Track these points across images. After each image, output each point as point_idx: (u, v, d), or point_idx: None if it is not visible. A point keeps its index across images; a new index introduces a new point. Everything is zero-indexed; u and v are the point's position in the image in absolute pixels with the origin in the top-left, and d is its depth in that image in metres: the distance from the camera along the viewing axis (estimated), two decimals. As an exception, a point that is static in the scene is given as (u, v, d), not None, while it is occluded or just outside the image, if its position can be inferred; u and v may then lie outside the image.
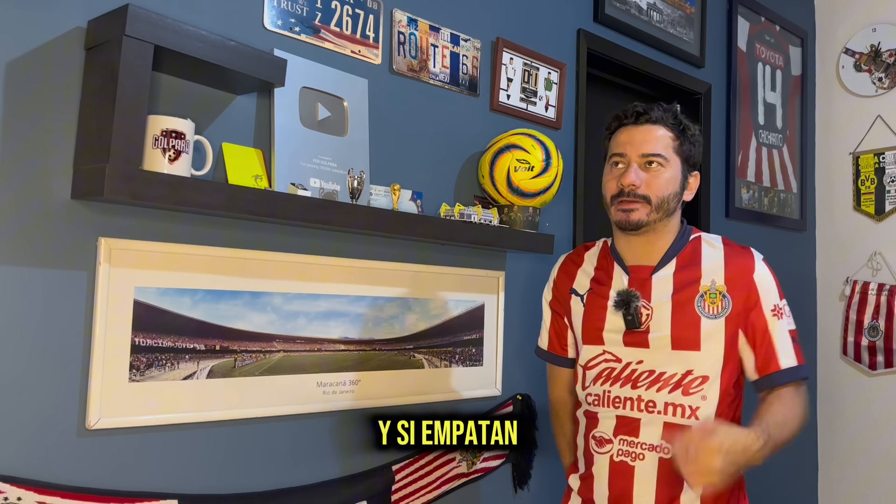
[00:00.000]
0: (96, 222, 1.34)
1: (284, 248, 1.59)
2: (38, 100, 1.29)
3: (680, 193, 1.46)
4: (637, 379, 1.44)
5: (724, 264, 1.44)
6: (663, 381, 1.42)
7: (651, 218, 1.42)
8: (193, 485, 1.44)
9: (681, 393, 1.41)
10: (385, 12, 1.80)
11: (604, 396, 1.48)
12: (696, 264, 1.45)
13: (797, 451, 3.24)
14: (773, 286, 1.45)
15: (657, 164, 1.42)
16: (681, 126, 1.46)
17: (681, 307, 1.42)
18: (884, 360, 3.11)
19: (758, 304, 1.42)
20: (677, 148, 1.45)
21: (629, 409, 1.45)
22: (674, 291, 1.44)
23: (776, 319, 1.42)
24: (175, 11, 1.43)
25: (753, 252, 1.48)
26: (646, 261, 1.48)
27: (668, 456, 1.39)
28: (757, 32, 3.11)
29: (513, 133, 1.93)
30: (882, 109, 3.23)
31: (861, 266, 3.24)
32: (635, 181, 1.41)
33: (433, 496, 1.83)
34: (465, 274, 1.94)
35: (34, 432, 1.27)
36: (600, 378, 1.49)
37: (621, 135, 1.46)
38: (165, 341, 1.41)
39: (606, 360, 1.48)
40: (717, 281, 1.42)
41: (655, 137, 1.43)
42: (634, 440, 1.43)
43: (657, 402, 1.42)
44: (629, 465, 1.43)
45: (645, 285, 1.46)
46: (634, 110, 1.46)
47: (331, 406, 1.65)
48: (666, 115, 1.45)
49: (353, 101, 1.71)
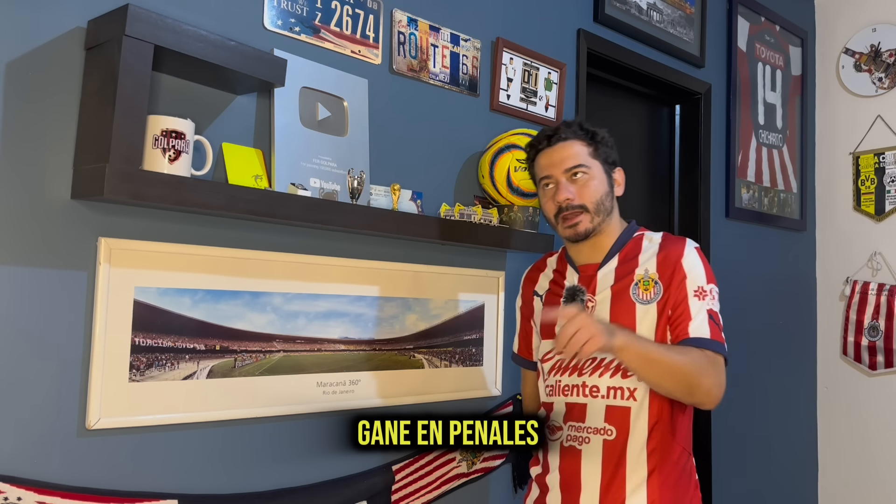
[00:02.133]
0: (96, 222, 1.34)
1: (284, 248, 1.59)
2: (38, 100, 1.29)
3: (611, 192, 1.57)
4: (582, 367, 1.53)
5: (657, 253, 1.54)
6: (604, 366, 1.51)
7: (595, 223, 1.53)
8: (193, 485, 1.44)
9: (620, 376, 1.49)
10: (385, 12, 1.80)
11: (556, 386, 1.58)
12: (634, 258, 1.55)
13: (797, 451, 3.24)
14: (700, 270, 1.51)
15: (581, 173, 1.53)
16: (589, 134, 1.56)
17: (618, 296, 1.52)
18: (884, 360, 3.11)
19: (682, 284, 1.49)
20: (593, 153, 1.56)
21: (576, 396, 1.54)
22: (613, 283, 1.54)
23: (696, 299, 1.48)
24: (175, 11, 1.43)
25: (687, 241, 1.56)
26: (593, 259, 1.59)
27: (611, 438, 1.49)
28: (757, 32, 3.11)
29: (513, 133, 1.93)
30: (882, 109, 3.23)
31: (861, 266, 3.24)
32: (569, 195, 1.52)
33: (433, 496, 1.83)
34: (465, 274, 1.94)
35: (34, 432, 1.27)
36: (553, 370, 1.60)
37: (541, 159, 1.57)
38: (165, 341, 1.41)
39: (558, 353, 1.53)
40: (649, 270, 1.52)
41: (572, 152, 1.54)
42: (581, 425, 1.53)
43: (600, 386, 1.51)
44: (577, 449, 1.53)
45: (591, 281, 1.57)
46: (545, 135, 1.57)
47: (331, 406, 1.65)
48: (573, 130, 1.56)
49: (353, 101, 1.71)
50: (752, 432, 3.01)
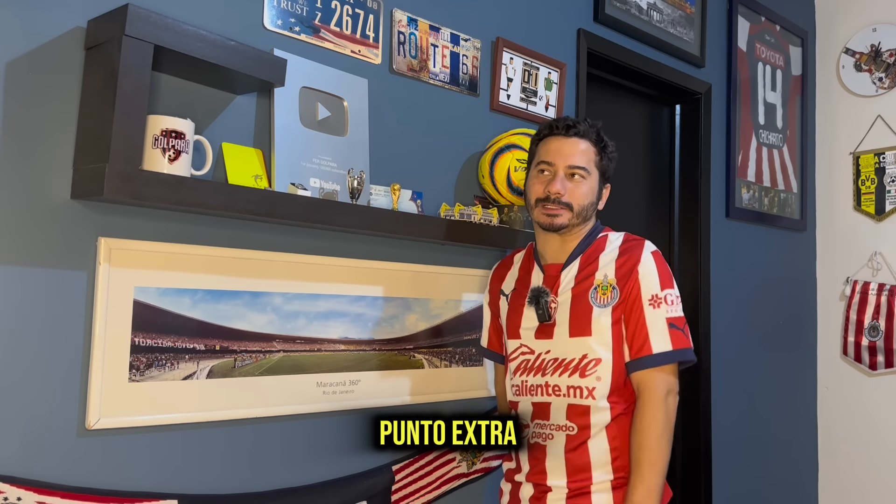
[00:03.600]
0: (96, 222, 1.34)
1: (284, 248, 1.59)
2: (38, 100, 1.29)
3: (596, 203, 1.62)
4: (546, 367, 1.59)
5: (616, 259, 1.58)
6: (564, 366, 1.57)
7: (572, 222, 1.58)
8: (193, 485, 1.44)
9: (578, 376, 1.55)
10: (385, 12, 1.80)
11: (522, 386, 1.63)
12: (595, 261, 1.60)
13: (797, 451, 3.24)
14: (654, 277, 1.55)
15: (580, 175, 1.57)
16: (602, 143, 1.61)
17: (578, 299, 1.58)
18: (884, 360, 3.11)
19: (638, 295, 1.54)
20: (598, 162, 1.60)
21: (540, 395, 1.60)
22: (574, 285, 1.59)
23: (652, 308, 1.53)
24: (175, 11, 1.43)
25: (645, 245, 1.59)
26: (558, 259, 1.63)
27: (573, 433, 1.55)
28: (757, 32, 3.11)
29: (513, 133, 1.93)
30: (882, 109, 3.23)
31: (861, 266, 3.24)
32: (561, 190, 1.56)
33: (433, 496, 1.83)
34: (465, 274, 1.94)
35: (34, 432, 1.27)
36: (519, 369, 1.64)
37: (551, 143, 1.60)
38: (165, 341, 1.41)
39: (523, 353, 1.64)
40: (608, 275, 1.57)
41: (581, 151, 1.58)
42: (546, 422, 1.59)
43: (561, 386, 1.57)
44: (541, 445, 1.59)
45: (555, 282, 1.61)
46: (566, 123, 1.60)
47: (331, 406, 1.65)
48: (591, 131, 1.60)
49: (353, 101, 1.71)
50: (752, 432, 3.01)
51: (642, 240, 1.62)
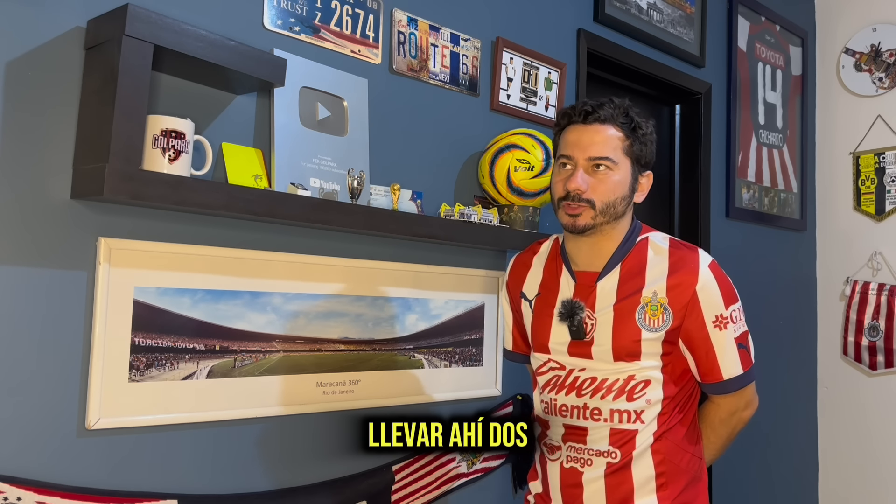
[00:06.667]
0: (96, 222, 1.34)
1: (284, 248, 1.59)
2: (38, 100, 1.29)
3: (629, 196, 1.40)
4: (581, 386, 1.42)
5: (667, 274, 1.38)
6: (606, 388, 1.39)
7: (597, 221, 1.36)
8: (193, 485, 1.44)
9: (625, 399, 1.38)
10: (385, 12, 1.80)
11: (551, 404, 1.46)
12: (640, 272, 1.40)
13: (797, 451, 3.24)
14: (716, 296, 1.37)
15: (605, 167, 1.36)
16: (632, 125, 1.39)
17: (622, 318, 1.38)
18: (884, 360, 3.11)
19: (701, 321, 1.37)
20: (627, 149, 1.38)
21: (576, 418, 1.42)
22: (616, 301, 1.39)
23: (718, 331, 1.37)
24: (175, 11, 1.43)
25: (700, 257, 1.39)
26: (592, 266, 1.43)
27: (616, 460, 1.38)
28: (757, 32, 3.11)
29: (513, 133, 1.93)
30: (882, 109, 3.23)
31: (861, 266, 3.24)
32: (581, 185, 1.35)
33: (433, 496, 1.83)
34: (465, 274, 1.94)
35: (34, 432, 1.27)
36: (548, 386, 1.47)
37: (570, 134, 1.40)
38: (165, 341, 1.41)
39: (552, 368, 1.46)
40: (658, 293, 1.37)
41: (604, 139, 1.37)
42: (582, 447, 1.42)
43: (602, 409, 1.40)
44: (578, 471, 1.42)
45: (590, 294, 1.41)
46: (583, 108, 1.39)
47: (331, 406, 1.65)
48: (616, 113, 1.39)
49: (353, 101, 1.70)
50: (752, 432, 3.00)
51: (695, 249, 1.41)
